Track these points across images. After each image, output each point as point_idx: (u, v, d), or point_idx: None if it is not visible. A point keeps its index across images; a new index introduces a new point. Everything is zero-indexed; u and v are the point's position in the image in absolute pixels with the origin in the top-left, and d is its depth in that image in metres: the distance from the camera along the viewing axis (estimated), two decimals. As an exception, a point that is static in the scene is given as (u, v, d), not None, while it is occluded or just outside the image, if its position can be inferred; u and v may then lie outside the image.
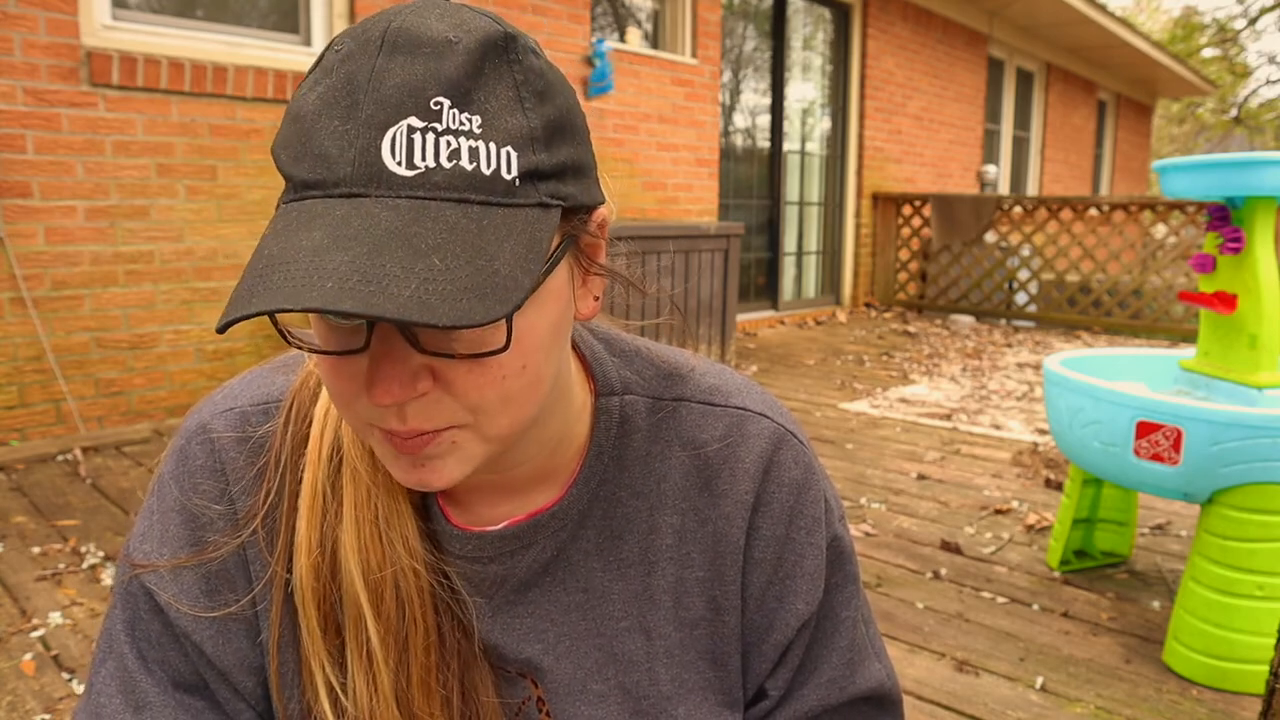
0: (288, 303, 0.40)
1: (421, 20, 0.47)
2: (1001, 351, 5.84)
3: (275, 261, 0.43)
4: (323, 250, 0.42)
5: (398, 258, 0.42)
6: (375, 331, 0.47)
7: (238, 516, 0.61)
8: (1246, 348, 1.95)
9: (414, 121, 0.44)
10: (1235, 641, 1.76)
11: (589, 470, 0.63)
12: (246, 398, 0.63)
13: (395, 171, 0.44)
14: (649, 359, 0.67)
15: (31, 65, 3.04)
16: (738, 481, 0.64)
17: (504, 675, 0.63)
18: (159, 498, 0.62)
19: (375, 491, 0.59)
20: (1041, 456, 3.34)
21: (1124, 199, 6.64)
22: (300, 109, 0.47)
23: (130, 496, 2.68)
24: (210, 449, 0.61)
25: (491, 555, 0.61)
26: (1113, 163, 13.62)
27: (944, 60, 8.50)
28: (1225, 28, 19.70)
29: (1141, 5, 26.15)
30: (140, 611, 0.60)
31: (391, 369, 0.47)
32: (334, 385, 0.50)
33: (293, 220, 0.45)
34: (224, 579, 0.60)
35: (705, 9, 5.82)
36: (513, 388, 0.50)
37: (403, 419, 0.49)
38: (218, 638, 0.60)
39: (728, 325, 4.62)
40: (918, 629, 2.00)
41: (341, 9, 3.93)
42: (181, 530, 0.61)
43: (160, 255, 3.43)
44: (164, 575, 0.60)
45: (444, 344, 0.47)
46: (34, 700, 1.65)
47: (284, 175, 0.47)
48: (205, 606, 0.60)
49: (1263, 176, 1.82)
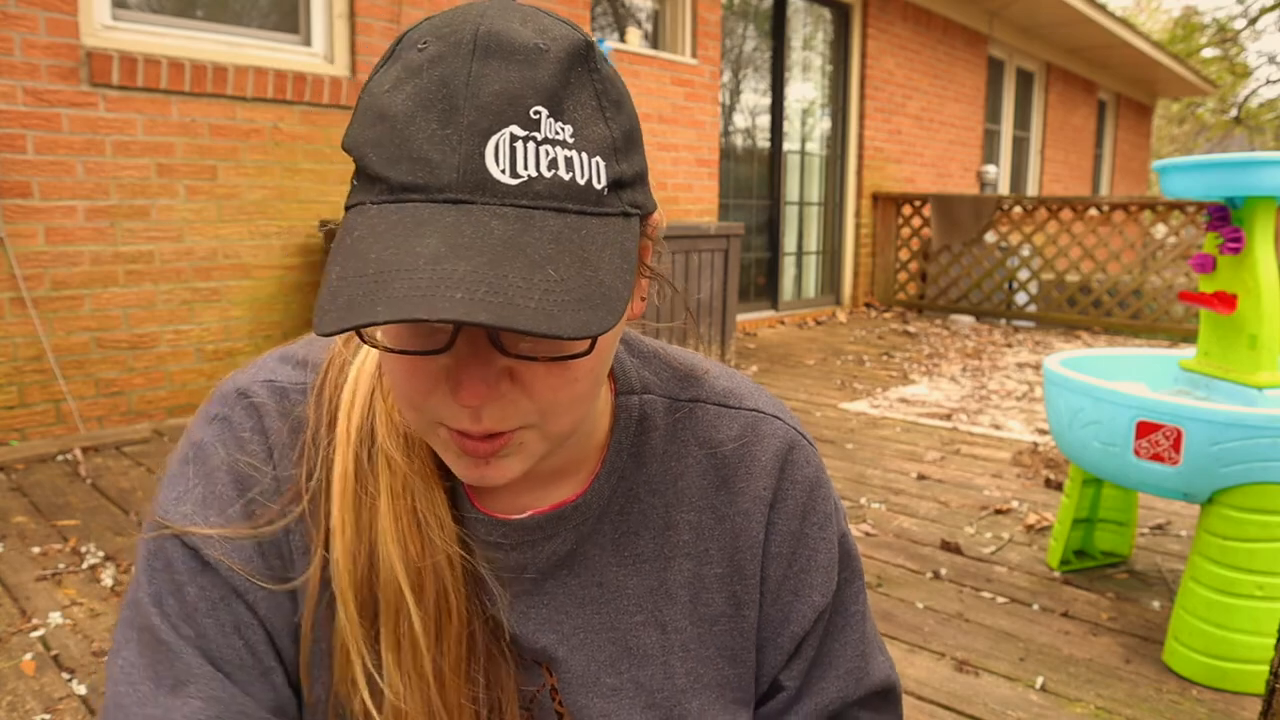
0: (421, 312, 0.40)
1: (508, 24, 0.48)
2: (1001, 351, 5.84)
3: (391, 268, 0.43)
4: (442, 258, 0.42)
5: (517, 268, 0.43)
6: (462, 334, 0.48)
7: (281, 486, 0.60)
8: (1246, 348, 1.95)
9: (516, 130, 0.45)
10: (1235, 641, 1.76)
11: (609, 466, 0.64)
12: (283, 374, 0.63)
13: (500, 179, 0.45)
14: (665, 360, 0.69)
15: (31, 65, 3.04)
16: (755, 479, 0.66)
17: (520, 663, 0.64)
18: (198, 462, 0.60)
19: (411, 480, 0.59)
20: (1041, 456, 3.34)
21: (1124, 199, 6.64)
22: (388, 108, 0.47)
23: (130, 496, 2.67)
24: (255, 413, 0.61)
25: (514, 543, 0.62)
26: (1113, 163, 13.62)
27: (944, 60, 8.50)
28: (1225, 28, 19.70)
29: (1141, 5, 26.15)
30: (176, 576, 0.57)
31: (478, 370, 0.48)
32: (406, 384, 0.51)
33: (395, 223, 0.45)
34: (272, 547, 0.59)
35: (705, 9, 5.82)
36: (582, 389, 0.52)
37: (477, 419, 0.50)
38: (270, 598, 0.58)
39: (728, 325, 4.62)
40: (918, 629, 2.00)
41: (341, 9, 3.93)
42: (230, 489, 0.59)
43: (160, 255, 3.43)
44: (213, 537, 0.57)
45: (527, 348, 0.49)
46: (34, 700, 1.65)
47: (373, 176, 0.47)
48: (259, 569, 0.58)
49: (1263, 176, 1.82)
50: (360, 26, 3.95)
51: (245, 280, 3.70)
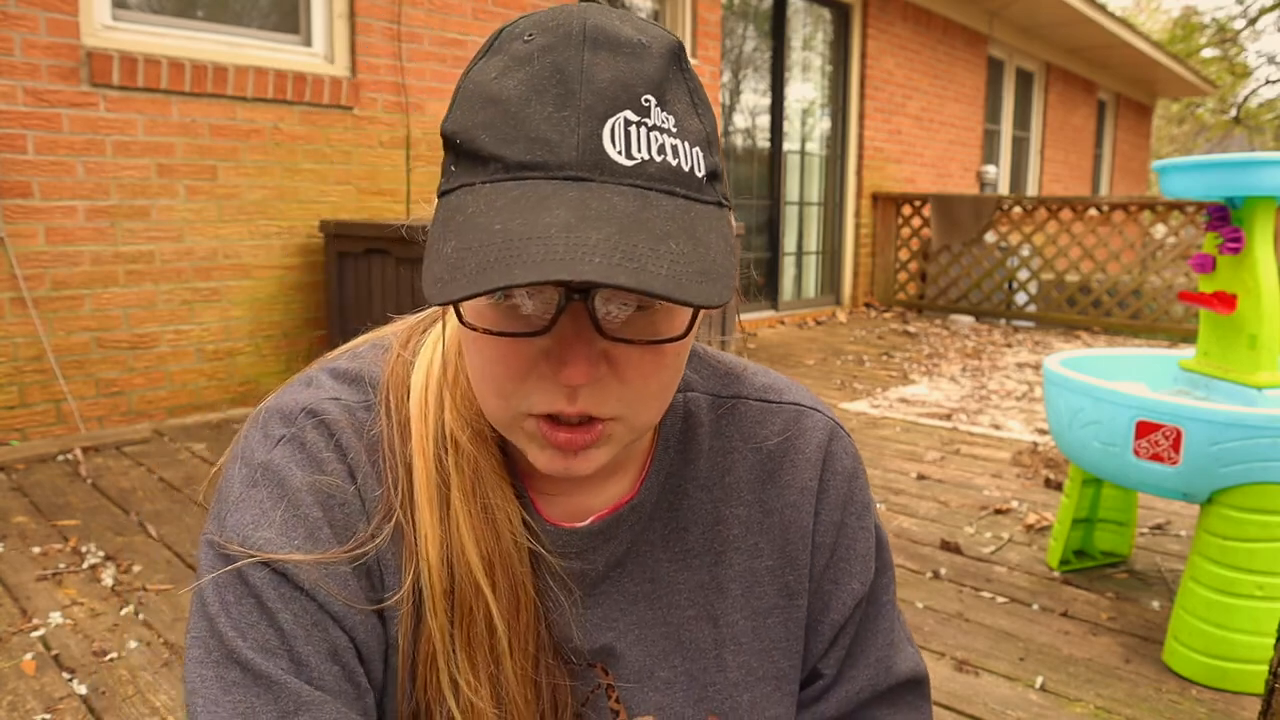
0: (564, 274, 0.41)
1: (611, 21, 0.50)
2: (1001, 351, 5.85)
3: (523, 236, 0.44)
4: (574, 227, 0.44)
5: (643, 239, 0.44)
6: (566, 313, 0.48)
7: (367, 505, 0.58)
8: (1246, 348, 1.96)
9: (629, 115, 0.47)
10: (1235, 641, 1.76)
11: (658, 463, 0.65)
12: (345, 392, 0.61)
13: (617, 160, 0.47)
14: (705, 359, 0.70)
15: (32, 65, 3.04)
16: (800, 471, 0.67)
17: (572, 669, 0.64)
18: (274, 485, 0.56)
19: (482, 474, 0.59)
20: (1041, 456, 3.34)
21: (1124, 199, 6.64)
22: (499, 93, 0.48)
23: (130, 496, 2.68)
24: (327, 431, 0.58)
25: (577, 550, 0.62)
26: (1112, 163, 13.62)
27: (944, 60, 8.50)
28: (1225, 28, 19.70)
29: (1141, 5, 26.15)
30: (267, 604, 0.53)
31: (582, 349, 0.49)
32: (499, 370, 0.51)
33: (516, 199, 0.46)
34: (363, 568, 0.57)
35: (705, 9, 5.82)
36: (669, 378, 0.53)
37: (574, 400, 0.50)
38: (365, 622, 0.56)
39: (728, 325, 4.62)
40: (918, 629, 2.00)
41: (341, 9, 3.93)
42: (315, 511, 0.56)
43: (160, 255, 3.43)
44: (306, 563, 0.55)
45: (627, 330, 0.50)
46: (34, 700, 1.65)
47: (486, 156, 0.48)
48: (354, 593, 0.56)
49: (1262, 176, 1.82)
50: (360, 26, 3.95)
51: (245, 280, 3.70)
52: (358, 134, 3.99)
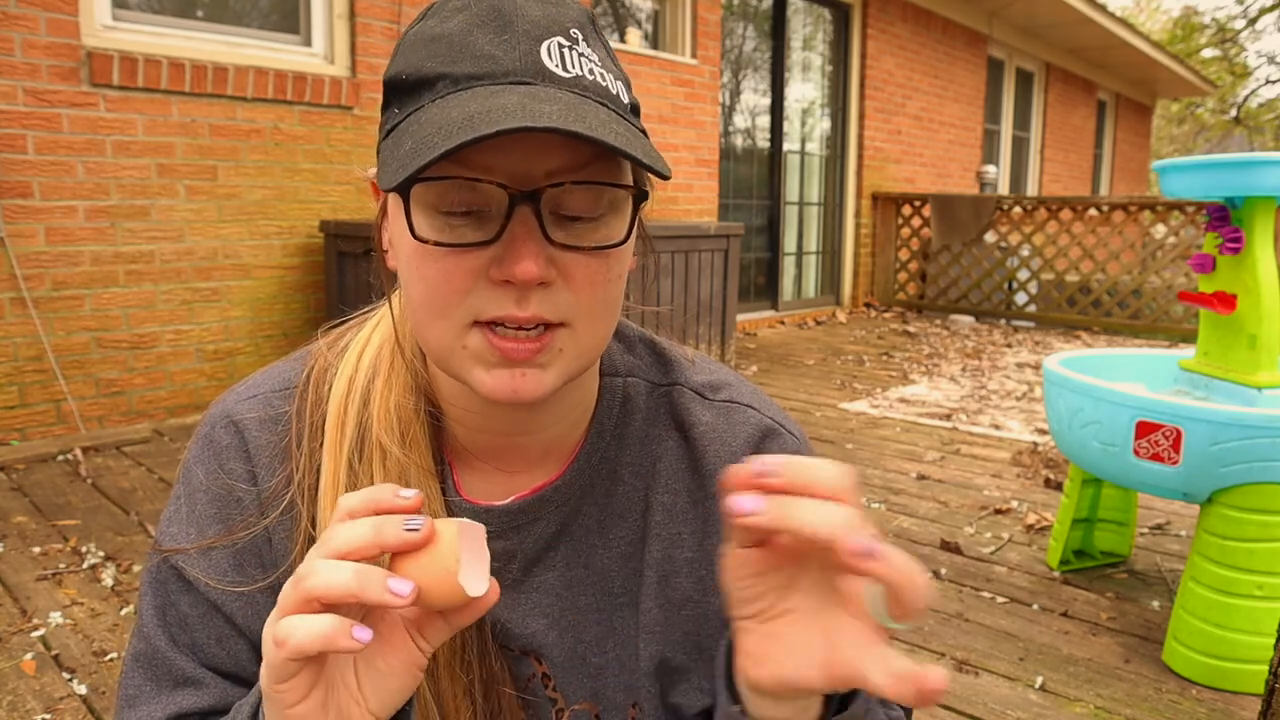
0: (526, 120, 0.45)
1: None
2: (1001, 351, 5.85)
3: (483, 112, 0.47)
4: (528, 104, 0.48)
5: (590, 115, 0.49)
6: (515, 216, 0.50)
7: (263, 496, 0.62)
8: (1246, 348, 1.96)
9: (561, 40, 0.53)
10: (1235, 641, 1.76)
11: (590, 446, 0.65)
12: (267, 385, 0.66)
13: (555, 71, 0.52)
14: (649, 346, 0.70)
15: (32, 65, 3.04)
16: (724, 464, 0.66)
17: (509, 655, 0.64)
18: (185, 483, 0.64)
19: (406, 470, 0.60)
20: (1041, 456, 3.34)
21: (1124, 199, 6.64)
22: (441, 31, 0.53)
23: (130, 496, 2.68)
24: (235, 431, 0.63)
25: (499, 530, 0.62)
26: (1112, 163, 13.62)
27: (944, 60, 8.50)
28: (1225, 28, 19.70)
29: (1141, 5, 26.15)
30: (170, 594, 0.61)
31: (534, 247, 0.51)
32: (445, 288, 0.52)
33: (467, 99, 0.49)
34: (252, 555, 0.62)
35: (705, 9, 5.82)
36: (614, 292, 0.55)
37: (524, 304, 0.52)
38: (247, 609, 0.61)
39: (728, 325, 4.62)
40: (917, 629, 2.00)
41: (341, 9, 3.93)
42: (209, 509, 0.62)
43: (160, 255, 3.43)
44: (193, 554, 0.61)
45: (571, 236, 0.52)
46: (34, 700, 1.65)
47: (432, 79, 0.52)
48: (234, 581, 0.61)
49: (1262, 176, 1.82)
50: (360, 27, 3.95)
51: (245, 280, 3.70)
52: (358, 134, 3.99)
